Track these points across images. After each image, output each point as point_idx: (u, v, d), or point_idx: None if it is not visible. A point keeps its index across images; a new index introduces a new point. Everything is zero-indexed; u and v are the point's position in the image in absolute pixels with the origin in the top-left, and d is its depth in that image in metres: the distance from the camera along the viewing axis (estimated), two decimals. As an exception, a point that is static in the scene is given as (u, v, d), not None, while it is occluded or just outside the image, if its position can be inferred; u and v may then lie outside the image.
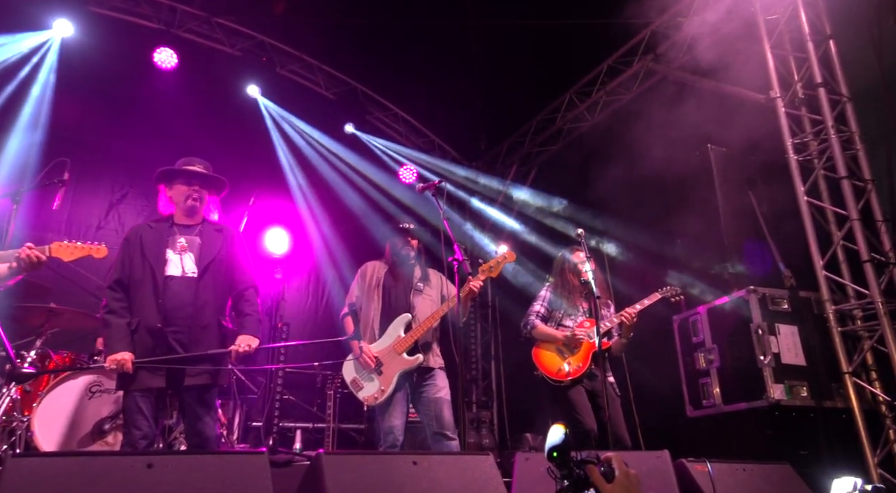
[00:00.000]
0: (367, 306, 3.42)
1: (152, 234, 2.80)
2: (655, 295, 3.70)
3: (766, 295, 4.39)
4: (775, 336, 4.24)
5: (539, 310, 3.77)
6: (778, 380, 4.10)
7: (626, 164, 5.77)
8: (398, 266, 3.51)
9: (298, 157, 7.21)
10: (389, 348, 3.31)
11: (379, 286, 3.43)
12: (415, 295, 3.41)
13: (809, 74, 4.70)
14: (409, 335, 3.29)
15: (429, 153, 8.14)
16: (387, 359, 3.31)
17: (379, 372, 3.28)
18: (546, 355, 3.66)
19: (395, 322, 3.35)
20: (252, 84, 6.88)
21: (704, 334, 4.67)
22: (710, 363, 4.55)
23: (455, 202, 8.17)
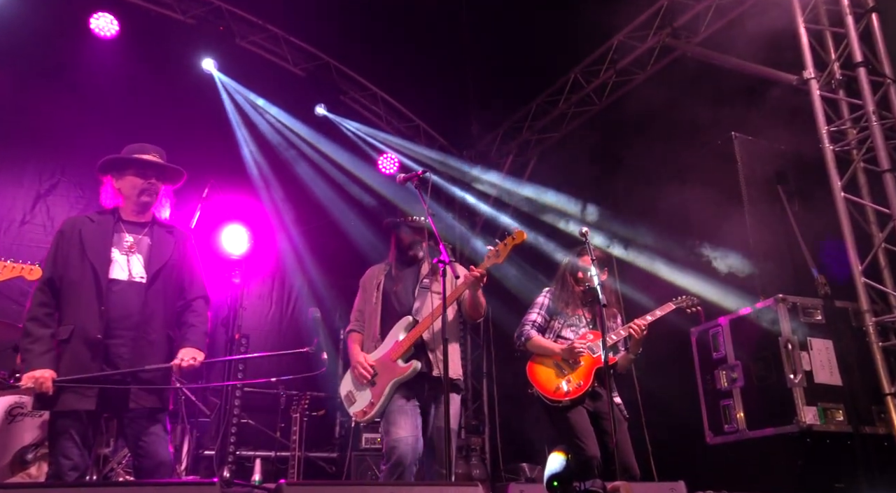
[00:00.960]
0: (370, 316, 3.48)
1: (94, 229, 2.76)
2: (669, 305, 3.73)
3: (798, 305, 4.43)
4: (807, 352, 4.27)
5: (535, 319, 3.79)
6: (810, 402, 4.13)
7: (639, 154, 5.87)
8: (402, 265, 3.55)
9: (261, 142, 7.19)
10: (386, 355, 3.33)
11: (379, 290, 3.48)
12: (420, 295, 3.43)
13: (848, 52, 4.74)
14: (406, 338, 3.29)
15: (413, 140, 8.15)
16: (382, 368, 3.32)
17: (372, 383, 3.30)
18: (542, 370, 3.67)
19: (396, 326, 3.37)
20: (207, 57, 6.87)
21: (726, 348, 4.70)
22: (733, 383, 4.57)
23: (442, 197, 8.15)
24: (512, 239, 3.25)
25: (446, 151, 8.26)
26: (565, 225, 6.52)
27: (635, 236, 5.90)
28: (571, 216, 6.58)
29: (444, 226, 8.06)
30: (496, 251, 3.26)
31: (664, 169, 5.65)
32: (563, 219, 6.65)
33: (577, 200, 6.63)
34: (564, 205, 6.75)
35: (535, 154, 7.83)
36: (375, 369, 3.31)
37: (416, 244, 3.53)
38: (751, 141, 5.12)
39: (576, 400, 3.56)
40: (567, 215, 6.64)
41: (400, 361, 3.28)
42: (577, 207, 6.61)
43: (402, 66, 7.27)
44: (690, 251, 5.39)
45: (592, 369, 3.60)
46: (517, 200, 7.50)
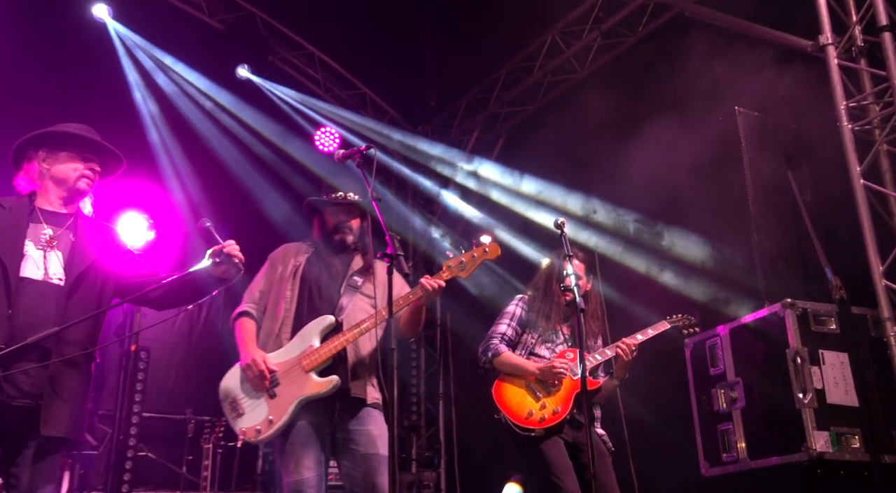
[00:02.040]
0: (274, 304, 3.38)
1: (4, 216, 2.74)
2: (663, 324, 3.84)
3: (808, 311, 4.44)
4: (819, 367, 4.30)
5: (505, 332, 3.82)
6: (822, 426, 4.15)
7: (627, 131, 5.85)
8: (329, 252, 3.51)
9: (168, 110, 7.07)
10: (294, 360, 3.21)
11: (296, 276, 3.40)
12: (347, 292, 3.38)
13: (872, 14, 4.77)
14: (325, 346, 3.21)
15: (358, 112, 8.20)
16: (286, 376, 3.20)
17: (271, 393, 3.17)
18: (512, 393, 3.68)
19: (310, 326, 3.27)
20: (99, 1, 6.70)
21: (725, 363, 4.74)
22: (733, 403, 4.61)
23: (393, 180, 8.22)
24: (483, 252, 3.25)
25: (398, 125, 8.28)
26: (541, 215, 6.59)
27: (621, 228, 5.99)
28: (548, 205, 6.64)
29: (396, 216, 8.08)
30: (461, 263, 3.25)
31: (655, 149, 5.70)
32: (538, 208, 6.72)
33: (556, 185, 6.69)
34: (540, 191, 6.82)
35: (505, 131, 7.84)
36: (277, 375, 3.19)
37: (344, 228, 3.49)
38: (757, 118, 5.15)
39: (551, 429, 3.57)
40: (543, 204, 6.71)
41: (314, 373, 3.19)
42: (555, 193, 6.69)
43: (345, 22, 7.24)
44: (687, 247, 5.47)
45: (572, 394, 3.63)
46: (483, 185, 7.57)
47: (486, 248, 3.27)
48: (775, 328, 4.43)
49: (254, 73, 7.53)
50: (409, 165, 8.05)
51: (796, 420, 4.18)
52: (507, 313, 3.89)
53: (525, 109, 7.69)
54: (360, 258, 3.52)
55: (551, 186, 6.76)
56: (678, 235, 5.74)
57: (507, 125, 7.83)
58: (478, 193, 7.72)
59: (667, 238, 5.84)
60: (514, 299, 3.95)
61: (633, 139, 5.79)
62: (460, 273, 3.27)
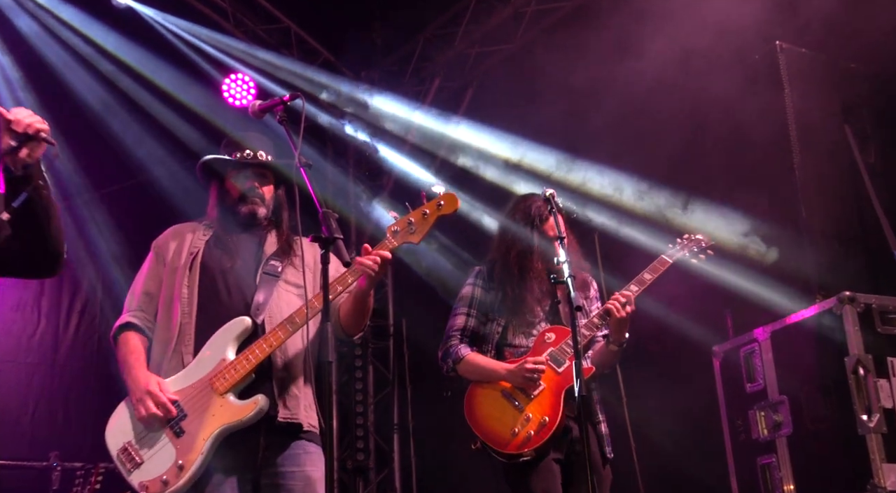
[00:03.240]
0: (168, 308, 3.42)
1: None
2: (662, 261, 3.94)
3: (873, 307, 4.43)
4: (887, 379, 4.29)
5: (465, 324, 3.88)
6: (892, 457, 4.15)
7: (634, 75, 5.82)
8: (234, 230, 3.56)
9: (18, 52, 6.84)
10: (202, 382, 3.24)
11: (192, 268, 3.44)
12: (264, 283, 3.43)
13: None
14: (243, 357, 3.23)
15: (280, 53, 8.01)
16: (194, 404, 3.22)
17: (177, 430, 3.21)
18: (488, 408, 3.71)
19: (220, 334, 3.30)
20: None
21: (766, 377, 4.76)
22: (777, 430, 4.63)
23: (328, 142, 8.10)
24: (437, 206, 3.29)
25: (334, 70, 8.12)
26: (522, 185, 6.60)
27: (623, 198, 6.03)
28: (531, 172, 6.66)
29: (333, 187, 7.99)
30: (409, 224, 3.29)
31: (670, 99, 5.67)
32: (518, 177, 6.75)
33: (541, 146, 6.69)
34: (521, 155, 6.84)
35: (476, 77, 7.71)
36: (181, 405, 3.21)
37: (254, 197, 3.53)
38: (805, 56, 5.13)
39: (542, 448, 3.58)
40: (525, 171, 6.74)
41: (231, 395, 3.20)
42: (540, 157, 6.70)
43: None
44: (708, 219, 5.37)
45: (560, 393, 3.64)
46: (447, 147, 7.54)
47: (441, 200, 3.28)
48: (831, 330, 4.42)
49: (137, 0, 7.24)
50: (350, 122, 8.02)
51: (859, 450, 4.16)
52: (462, 299, 3.93)
53: (502, 47, 7.59)
54: (274, 237, 3.55)
55: (538, 148, 6.78)
56: (702, 209, 5.65)
57: (478, 70, 7.72)
58: (443, 159, 7.69)
59: (688, 214, 5.79)
60: (469, 275, 4.00)
61: (647, 84, 5.69)
62: (410, 238, 3.28)
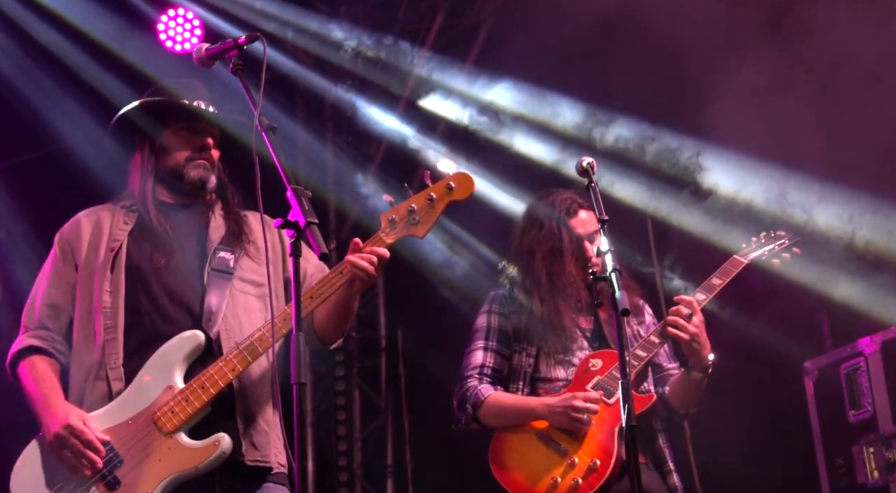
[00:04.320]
0: (86, 323, 3.30)
1: None
2: (736, 263, 3.87)
3: None
4: None
5: (484, 362, 3.83)
6: None
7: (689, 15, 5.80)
8: (167, 210, 3.44)
9: None
10: (143, 418, 3.12)
11: (115, 266, 3.32)
12: (215, 281, 3.34)
13: None
14: (195, 384, 3.12)
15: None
16: (132, 447, 3.10)
17: (109, 482, 3.06)
18: (521, 454, 3.65)
19: (162, 354, 3.18)
20: None
21: (876, 401, 4.80)
22: (891, 471, 4.66)
23: (298, 97, 7.94)
24: (446, 190, 3.17)
25: (304, 3, 7.70)
26: (549, 155, 6.65)
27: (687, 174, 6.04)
28: (562, 136, 6.64)
29: (306, 157, 7.85)
30: (410, 212, 3.16)
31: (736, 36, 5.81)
32: (545, 141, 6.76)
33: (574, 101, 6.68)
34: (548, 114, 6.81)
35: (489, 16, 7.54)
36: (115, 448, 3.09)
37: (201, 161, 3.40)
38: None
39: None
40: (554, 134, 6.72)
41: (181, 434, 3.09)
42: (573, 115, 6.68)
43: None
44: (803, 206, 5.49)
45: (613, 430, 3.61)
46: (453, 105, 7.40)
47: (451, 182, 3.16)
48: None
49: None
50: (326, 72, 7.59)
51: None
52: (478, 332, 3.88)
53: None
54: (220, 217, 3.44)
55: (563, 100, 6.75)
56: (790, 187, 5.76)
57: (491, 5, 7.43)
58: (442, 118, 7.48)
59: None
60: (483, 304, 3.96)
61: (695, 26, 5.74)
62: (412, 230, 3.17)
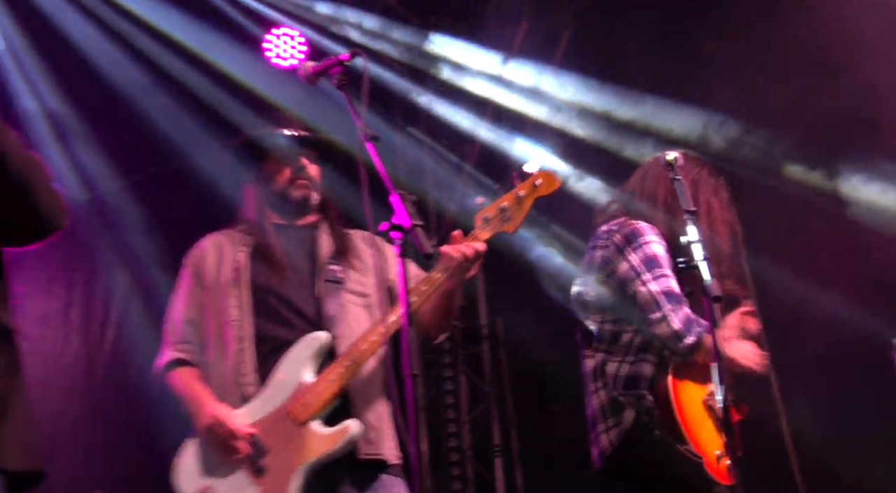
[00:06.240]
0: (218, 334, 3.46)
1: None
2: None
3: None
4: None
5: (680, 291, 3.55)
6: None
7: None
8: (280, 228, 3.59)
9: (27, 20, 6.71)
10: (279, 412, 3.26)
11: (239, 283, 3.48)
12: (330, 292, 3.48)
13: None
14: (324, 380, 3.24)
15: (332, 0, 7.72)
16: (274, 437, 3.23)
17: (257, 469, 3.20)
18: (696, 418, 3.43)
19: (292, 355, 3.31)
20: None
21: None
22: None
23: (396, 107, 7.93)
24: (532, 187, 3.26)
25: (398, 18, 7.81)
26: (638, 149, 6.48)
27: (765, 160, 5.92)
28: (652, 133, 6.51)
29: (407, 163, 7.84)
30: (501, 211, 3.24)
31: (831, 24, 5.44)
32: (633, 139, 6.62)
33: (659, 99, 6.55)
34: (635, 112, 6.70)
35: (572, 19, 7.37)
36: (260, 440, 3.22)
37: (304, 178, 3.57)
38: None
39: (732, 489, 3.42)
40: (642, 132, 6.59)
41: (316, 423, 3.20)
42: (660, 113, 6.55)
43: None
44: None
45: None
46: (540, 106, 7.34)
47: (537, 180, 3.24)
48: None
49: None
50: (421, 81, 7.72)
51: None
52: (659, 258, 3.50)
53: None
54: (327, 235, 3.56)
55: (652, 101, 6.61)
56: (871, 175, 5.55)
57: (573, 7, 7.28)
58: (530, 119, 7.41)
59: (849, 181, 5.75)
60: (641, 230, 3.63)
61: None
62: (504, 226, 3.25)
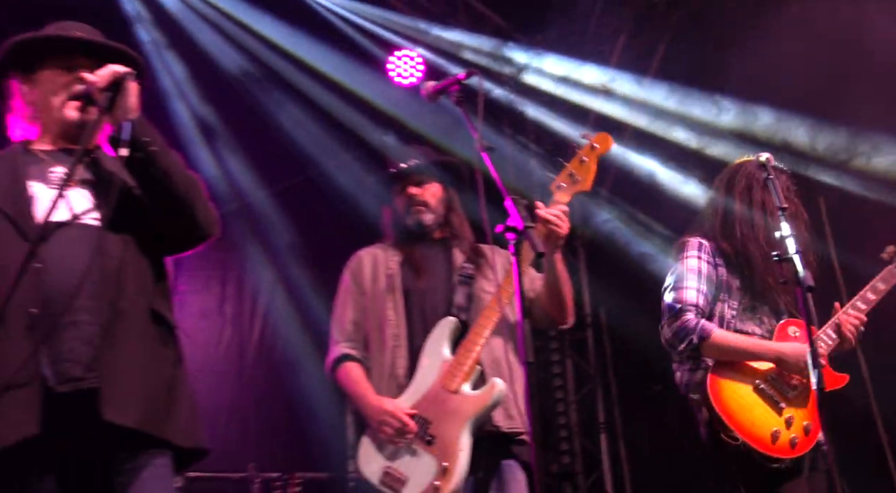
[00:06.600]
0: (378, 333, 3.63)
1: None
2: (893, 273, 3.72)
3: None
4: None
5: (697, 301, 3.64)
6: None
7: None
8: (414, 246, 3.75)
9: (179, 42, 7.04)
10: (434, 389, 3.42)
11: (394, 290, 3.66)
12: (461, 286, 3.64)
13: None
14: (463, 352, 3.42)
15: (447, 23, 7.87)
16: (434, 410, 3.39)
17: (426, 440, 3.36)
18: (742, 399, 3.48)
19: (431, 341, 3.51)
20: None
21: None
22: None
23: (505, 118, 7.96)
24: (591, 148, 3.39)
25: (506, 36, 7.89)
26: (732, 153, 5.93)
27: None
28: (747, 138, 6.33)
29: (515, 169, 7.86)
30: (571, 176, 3.39)
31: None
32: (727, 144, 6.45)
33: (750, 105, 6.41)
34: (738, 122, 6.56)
35: (667, 32, 7.35)
36: (422, 415, 3.38)
37: (417, 205, 3.71)
38: None
39: (800, 461, 3.42)
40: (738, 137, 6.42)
41: (466, 386, 3.36)
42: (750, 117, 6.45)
43: None
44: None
45: (815, 400, 3.41)
46: (638, 114, 7.31)
47: (594, 142, 3.39)
48: None
49: (296, -20, 7.29)
50: (528, 93, 7.73)
51: None
52: (690, 271, 3.66)
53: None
54: (459, 251, 3.72)
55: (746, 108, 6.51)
56: None
57: (669, 22, 7.30)
58: (629, 126, 7.39)
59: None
60: (689, 244, 3.77)
61: None
62: (578, 187, 3.38)
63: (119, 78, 2.60)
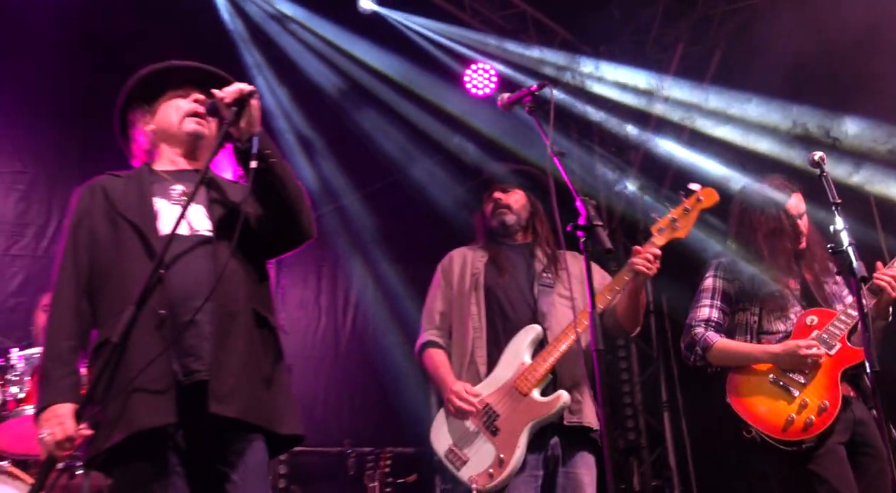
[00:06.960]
0: (460, 325, 3.74)
1: (121, 184, 2.99)
2: None
3: None
4: None
5: (709, 316, 3.77)
6: None
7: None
8: (500, 248, 3.85)
9: (279, 63, 7.31)
10: (507, 386, 3.51)
11: (478, 288, 3.75)
12: (543, 294, 3.69)
13: None
14: (539, 361, 3.49)
15: (517, 38, 8.03)
16: (504, 405, 3.49)
17: (492, 429, 3.47)
18: (756, 394, 3.58)
19: (515, 342, 3.58)
20: None
21: None
22: None
23: (572, 124, 8.04)
24: (696, 201, 3.47)
25: (573, 49, 8.04)
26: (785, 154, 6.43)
27: None
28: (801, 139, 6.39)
29: (580, 169, 7.98)
30: (672, 222, 3.45)
31: None
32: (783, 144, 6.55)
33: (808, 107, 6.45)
34: (783, 121, 6.61)
35: (723, 38, 7.45)
36: (493, 407, 3.48)
37: (500, 208, 3.83)
38: None
39: (825, 434, 3.42)
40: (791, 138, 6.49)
41: (536, 392, 3.44)
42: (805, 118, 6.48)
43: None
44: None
45: (837, 374, 3.49)
46: (696, 117, 7.36)
47: (700, 195, 3.47)
48: None
49: (380, 5, 7.52)
50: (592, 100, 7.87)
51: None
52: (704, 291, 3.83)
53: (750, 2, 7.17)
54: (541, 254, 3.79)
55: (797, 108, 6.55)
56: None
57: (725, 30, 7.37)
58: (687, 128, 7.53)
59: None
60: (708, 266, 3.91)
61: None
62: (676, 234, 3.46)
63: (245, 95, 2.72)
